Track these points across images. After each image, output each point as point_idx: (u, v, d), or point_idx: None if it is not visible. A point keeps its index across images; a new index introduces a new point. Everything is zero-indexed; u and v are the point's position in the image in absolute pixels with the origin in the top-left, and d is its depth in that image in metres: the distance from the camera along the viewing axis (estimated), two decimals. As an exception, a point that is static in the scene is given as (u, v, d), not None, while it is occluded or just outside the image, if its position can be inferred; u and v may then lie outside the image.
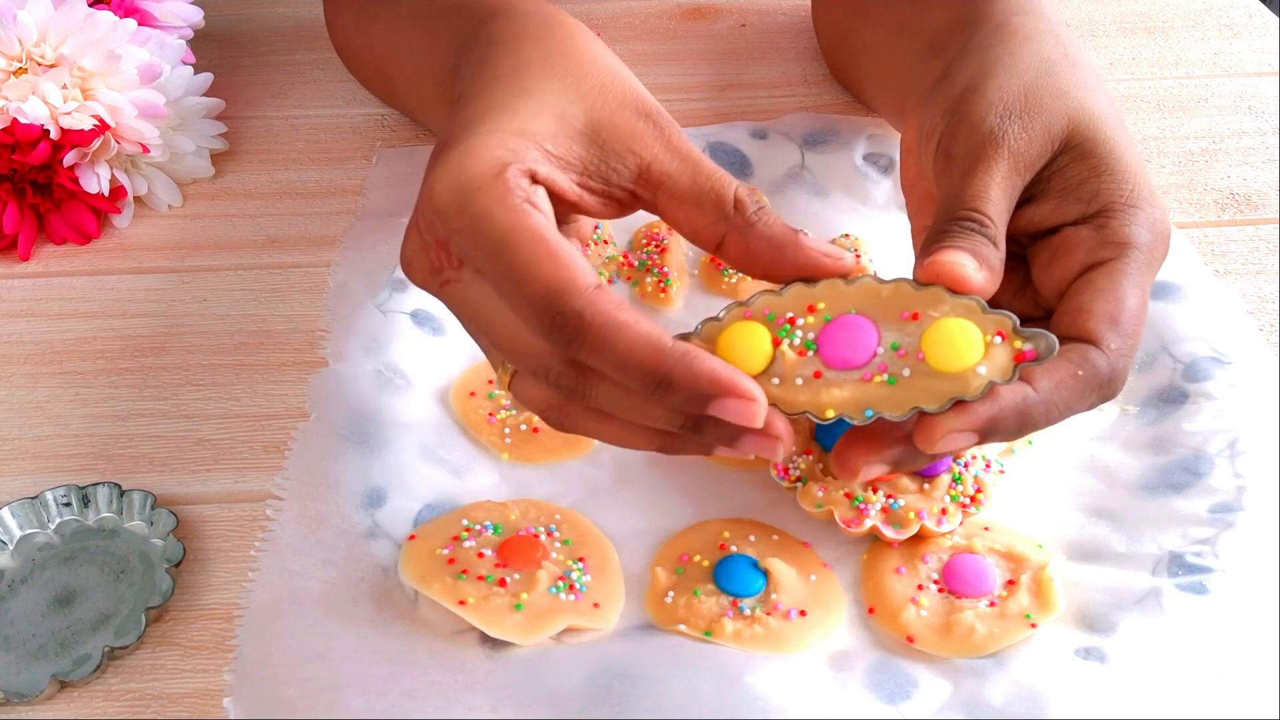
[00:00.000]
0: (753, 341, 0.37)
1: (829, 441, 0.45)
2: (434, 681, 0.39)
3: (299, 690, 0.39)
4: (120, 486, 0.47)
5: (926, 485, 0.44)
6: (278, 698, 0.39)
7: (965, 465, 0.44)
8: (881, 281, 0.37)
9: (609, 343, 0.34)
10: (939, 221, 0.40)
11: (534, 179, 0.37)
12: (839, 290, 0.37)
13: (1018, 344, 0.36)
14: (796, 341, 0.37)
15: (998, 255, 0.39)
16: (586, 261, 0.36)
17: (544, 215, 0.36)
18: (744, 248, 0.38)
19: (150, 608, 0.43)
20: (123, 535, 0.46)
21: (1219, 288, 0.55)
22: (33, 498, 0.47)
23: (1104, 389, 0.38)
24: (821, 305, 0.37)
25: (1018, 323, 0.36)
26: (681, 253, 0.58)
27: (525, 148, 0.37)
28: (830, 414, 0.36)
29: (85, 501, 0.47)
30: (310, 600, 0.42)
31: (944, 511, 0.43)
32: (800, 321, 0.37)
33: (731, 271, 0.57)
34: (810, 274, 0.38)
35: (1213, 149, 0.66)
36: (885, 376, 0.36)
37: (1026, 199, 0.42)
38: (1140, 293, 0.40)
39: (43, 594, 0.44)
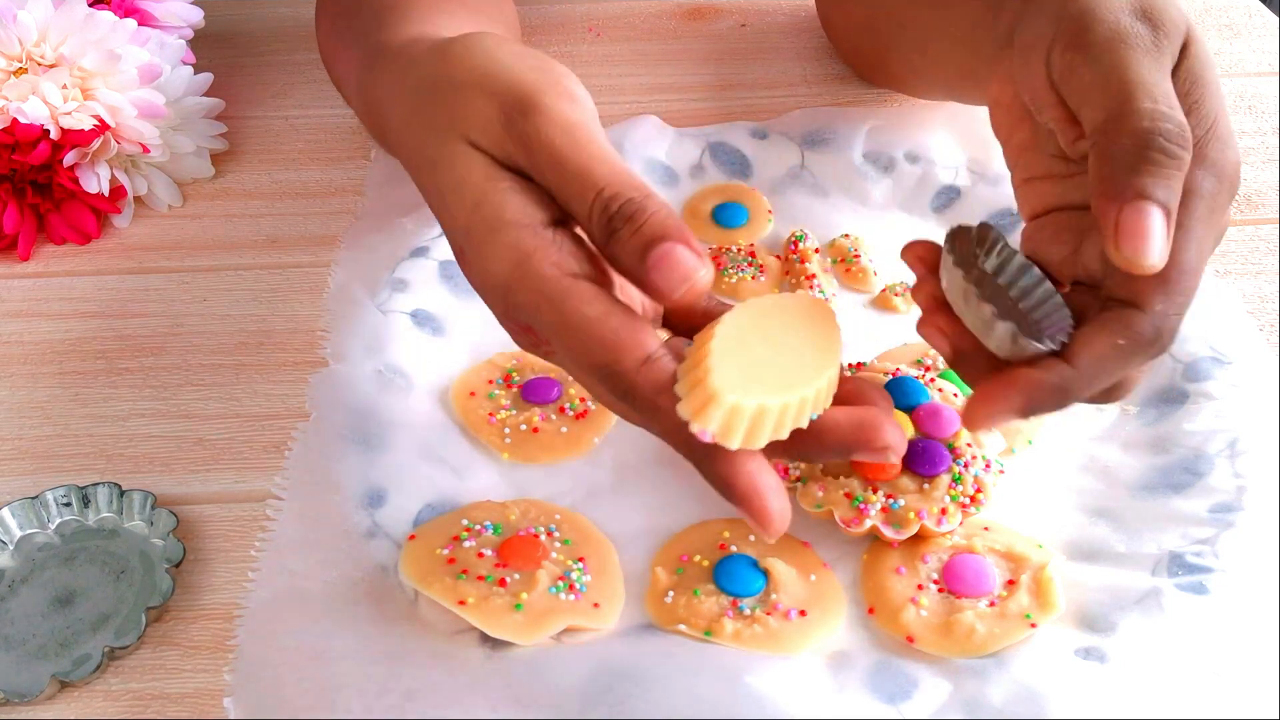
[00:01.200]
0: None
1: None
2: (434, 681, 0.39)
3: (299, 690, 0.39)
4: (120, 486, 0.47)
5: (926, 485, 0.44)
6: (278, 698, 0.39)
7: (965, 465, 0.44)
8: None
9: (653, 423, 0.35)
10: (1111, 123, 0.37)
11: (544, 224, 0.36)
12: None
13: None
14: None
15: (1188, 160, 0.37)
16: (633, 325, 0.35)
17: (583, 281, 0.35)
18: (610, 263, 0.36)
19: (150, 608, 0.43)
20: (123, 535, 0.46)
21: (1219, 288, 0.55)
22: (33, 498, 0.47)
23: (1150, 349, 0.37)
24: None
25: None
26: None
27: (503, 207, 0.36)
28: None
29: (85, 501, 0.47)
30: (310, 600, 0.42)
31: (944, 511, 0.43)
32: None
33: (731, 271, 0.57)
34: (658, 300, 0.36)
35: (1213, 149, 0.66)
36: None
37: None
38: (1198, 246, 0.37)
39: (43, 594, 0.44)
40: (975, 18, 0.50)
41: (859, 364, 0.49)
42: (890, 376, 0.47)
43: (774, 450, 0.35)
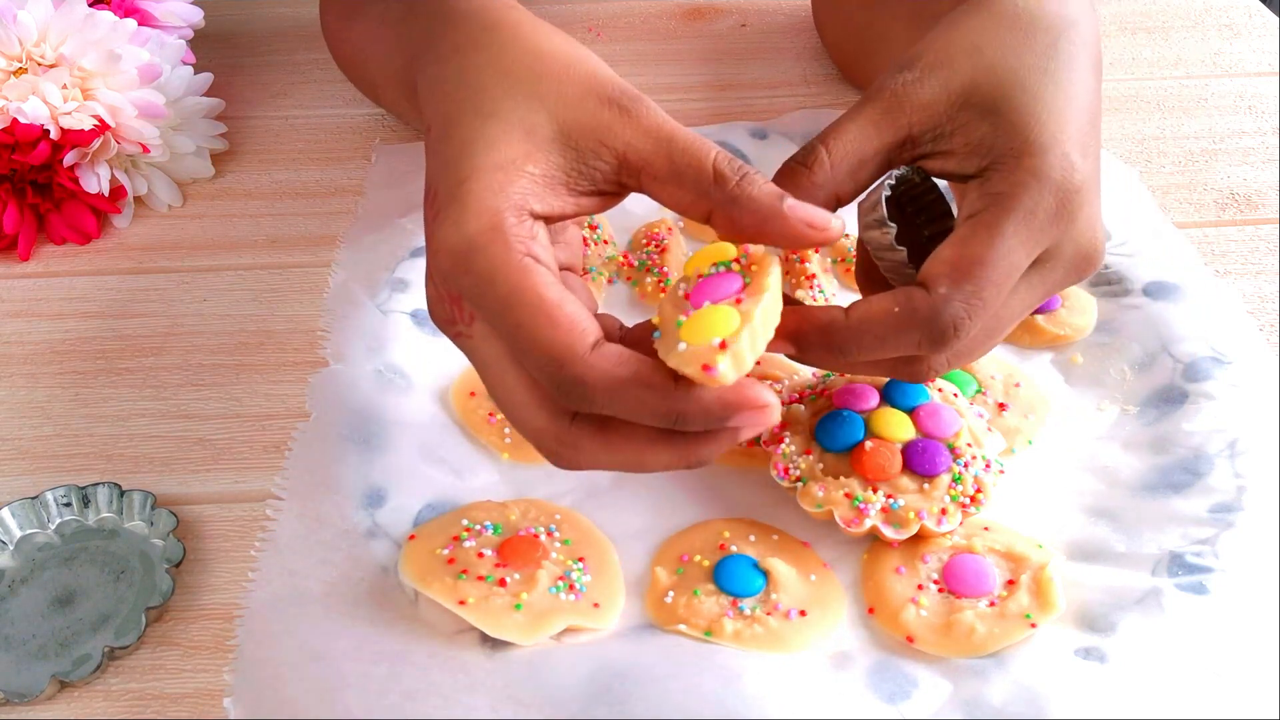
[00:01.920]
0: (717, 320, 0.36)
1: (829, 441, 0.45)
2: (434, 681, 0.39)
3: (299, 690, 0.39)
4: (120, 486, 0.47)
5: (926, 485, 0.44)
6: (278, 698, 0.39)
7: (965, 465, 0.44)
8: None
9: (616, 401, 0.35)
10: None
11: (533, 215, 0.37)
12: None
13: None
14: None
15: (806, 183, 0.40)
16: (585, 314, 0.36)
17: (543, 267, 0.36)
18: (729, 222, 0.38)
19: (150, 608, 0.43)
20: (123, 535, 0.46)
21: (1219, 288, 0.55)
22: (33, 498, 0.47)
23: (926, 330, 0.38)
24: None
25: None
26: (682, 252, 0.58)
27: (510, 183, 0.37)
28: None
29: (85, 501, 0.47)
30: (310, 600, 0.42)
31: (944, 511, 0.43)
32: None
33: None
34: (795, 246, 0.38)
35: (1213, 149, 0.66)
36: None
37: (933, 153, 0.41)
38: (1004, 244, 0.38)
39: (43, 594, 0.44)
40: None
41: None
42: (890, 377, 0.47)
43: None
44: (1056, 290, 0.42)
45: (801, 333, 0.39)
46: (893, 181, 0.41)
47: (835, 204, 0.41)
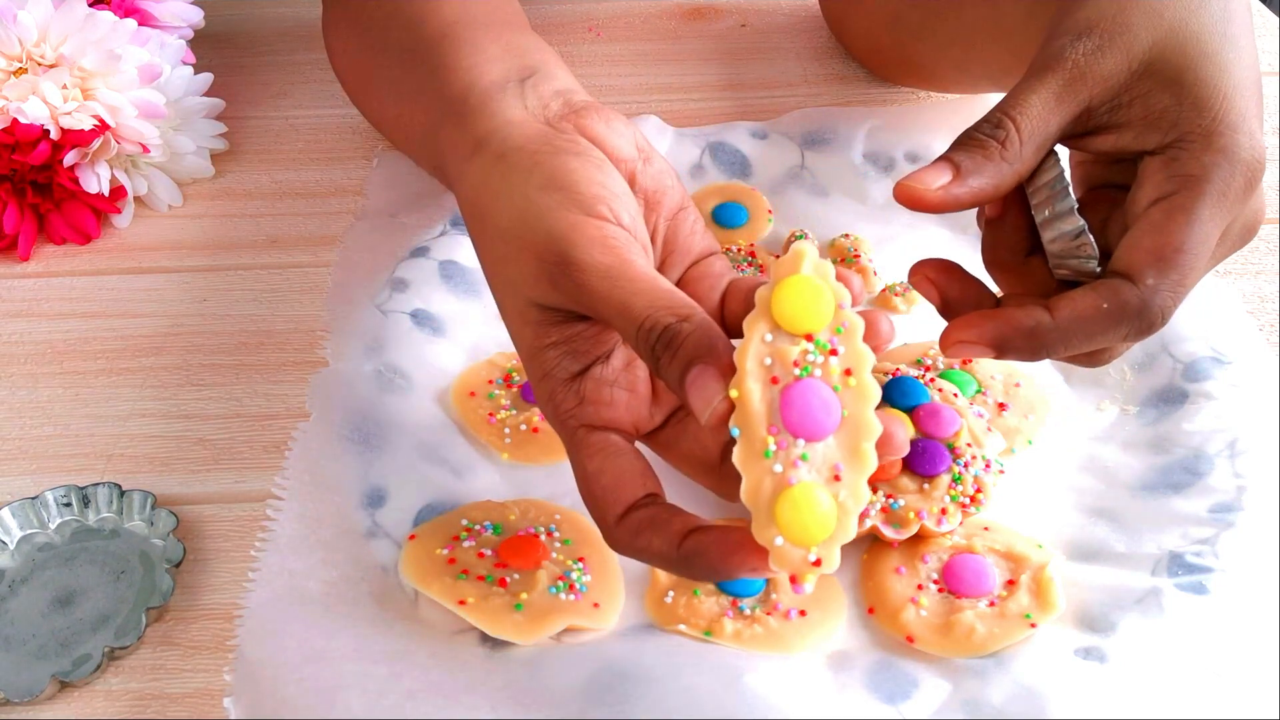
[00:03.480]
0: (814, 513, 0.33)
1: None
2: (434, 681, 0.39)
3: (299, 690, 0.39)
4: (120, 486, 0.47)
5: (926, 485, 0.44)
6: (278, 698, 0.39)
7: (965, 465, 0.44)
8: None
9: (639, 560, 0.38)
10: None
11: (579, 376, 0.39)
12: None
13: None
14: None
15: (996, 158, 0.38)
16: (623, 477, 0.38)
17: (593, 432, 0.39)
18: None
19: (150, 608, 0.43)
20: (123, 535, 0.46)
21: (1219, 288, 0.55)
22: (33, 498, 0.47)
23: (1136, 323, 0.38)
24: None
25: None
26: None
27: (545, 363, 0.39)
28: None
29: (85, 501, 0.47)
30: (310, 600, 0.42)
31: (944, 511, 0.43)
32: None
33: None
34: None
35: (1213, 149, 0.66)
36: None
37: (1106, 126, 0.40)
38: (1201, 228, 0.38)
39: (43, 594, 0.44)
40: (1029, 10, 0.49)
41: None
42: (890, 376, 0.47)
43: None
44: (1222, 260, 0.41)
45: (1005, 337, 0.38)
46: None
47: (1016, 183, 0.39)
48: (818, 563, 0.33)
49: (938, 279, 0.40)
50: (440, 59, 0.49)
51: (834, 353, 0.33)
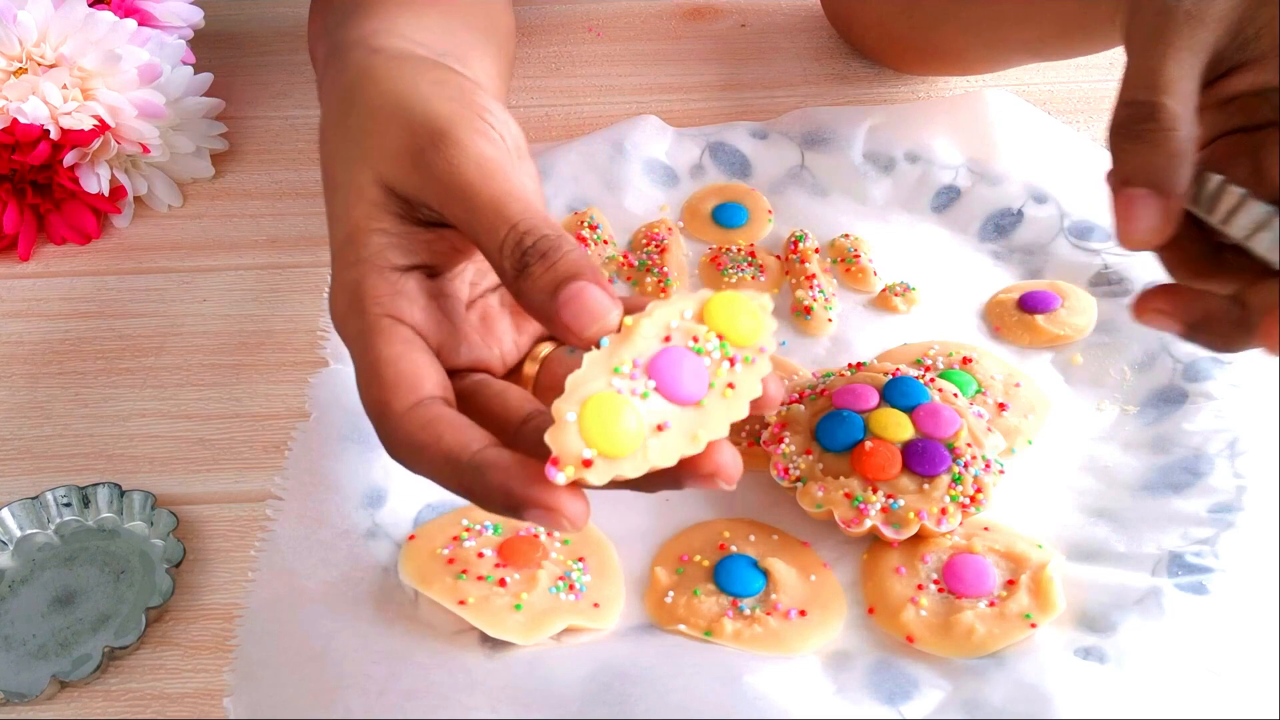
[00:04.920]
0: (617, 423, 0.31)
1: (829, 441, 0.45)
2: (434, 681, 0.39)
3: (299, 690, 0.39)
4: (120, 486, 0.47)
5: (926, 485, 0.44)
6: (278, 698, 0.39)
7: (965, 465, 0.44)
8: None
9: (415, 464, 0.34)
10: (1112, 121, 0.37)
11: (397, 269, 0.36)
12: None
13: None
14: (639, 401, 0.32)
15: (1175, 150, 0.35)
16: (421, 372, 0.34)
17: (395, 322, 0.35)
18: (516, 298, 0.34)
19: (150, 608, 0.43)
20: (123, 535, 0.46)
21: (1219, 288, 0.55)
22: (33, 498, 0.47)
23: None
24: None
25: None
26: (681, 253, 0.58)
27: (361, 251, 0.36)
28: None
29: (85, 501, 0.47)
30: (310, 600, 0.42)
31: (944, 511, 0.43)
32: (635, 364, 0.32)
33: (731, 271, 0.57)
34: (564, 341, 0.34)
35: (1213, 149, 0.66)
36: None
37: (1239, 64, 0.37)
38: None
39: (43, 594, 0.44)
40: None
41: (859, 364, 0.49)
42: (890, 376, 0.47)
43: None
44: None
45: (1202, 321, 0.36)
46: None
47: (1191, 169, 0.36)
48: (587, 464, 0.30)
49: (1168, 307, 0.37)
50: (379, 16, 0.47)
51: (730, 360, 0.32)
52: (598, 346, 0.32)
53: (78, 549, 0.46)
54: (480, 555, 0.43)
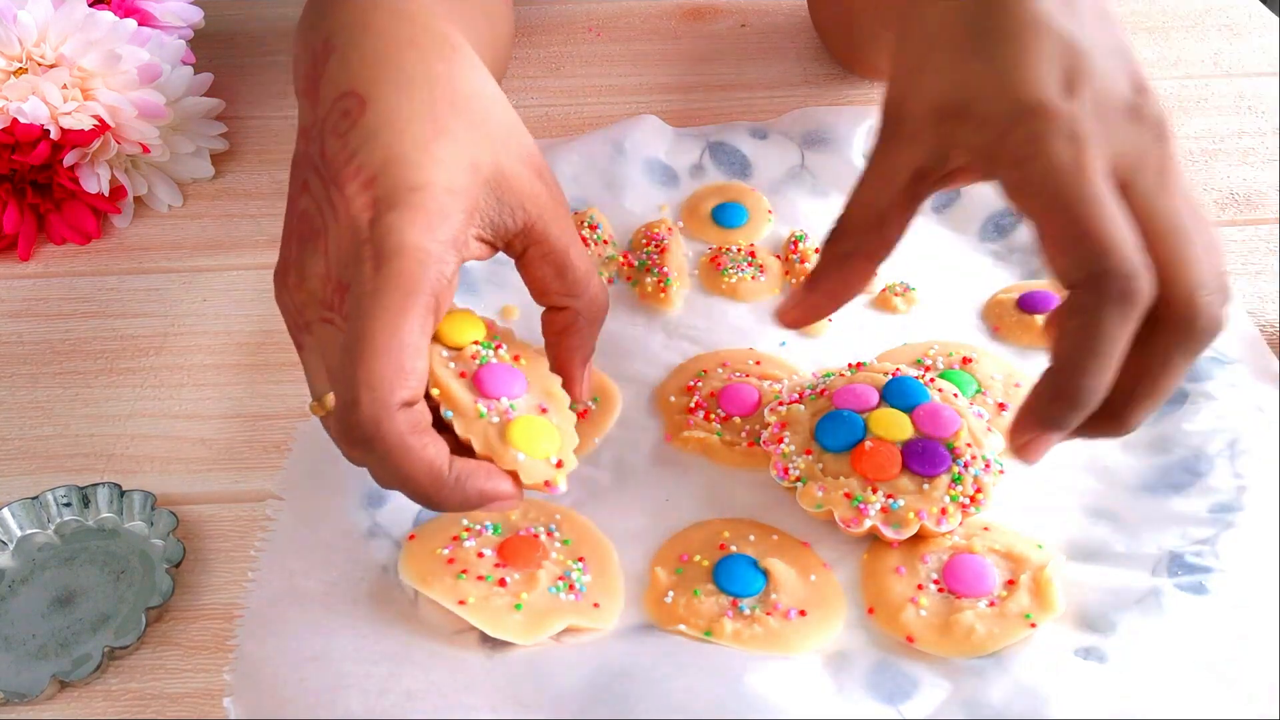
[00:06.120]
0: (544, 433, 0.40)
1: (829, 441, 0.45)
2: (434, 681, 0.39)
3: (299, 690, 0.39)
4: (120, 486, 0.47)
5: (926, 485, 0.44)
6: (278, 698, 0.39)
7: (965, 465, 0.44)
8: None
9: (394, 464, 0.36)
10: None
11: (462, 255, 0.38)
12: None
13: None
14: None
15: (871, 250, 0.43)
16: (425, 368, 0.37)
17: (435, 312, 0.37)
18: (566, 332, 0.43)
19: (150, 608, 0.43)
20: (123, 535, 0.46)
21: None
22: (33, 498, 0.47)
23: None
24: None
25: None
26: (681, 253, 0.58)
27: (452, 213, 0.38)
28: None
29: (85, 501, 0.47)
30: (310, 600, 0.42)
31: (944, 511, 0.43)
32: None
33: (731, 271, 0.57)
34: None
35: (1213, 149, 0.66)
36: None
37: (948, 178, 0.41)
38: (1090, 206, 0.35)
39: (43, 594, 0.44)
40: None
41: (859, 364, 0.49)
42: (890, 376, 0.47)
43: None
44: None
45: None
46: None
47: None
48: (560, 464, 0.40)
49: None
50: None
51: (499, 347, 0.41)
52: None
53: (78, 549, 0.46)
54: (480, 555, 0.43)
